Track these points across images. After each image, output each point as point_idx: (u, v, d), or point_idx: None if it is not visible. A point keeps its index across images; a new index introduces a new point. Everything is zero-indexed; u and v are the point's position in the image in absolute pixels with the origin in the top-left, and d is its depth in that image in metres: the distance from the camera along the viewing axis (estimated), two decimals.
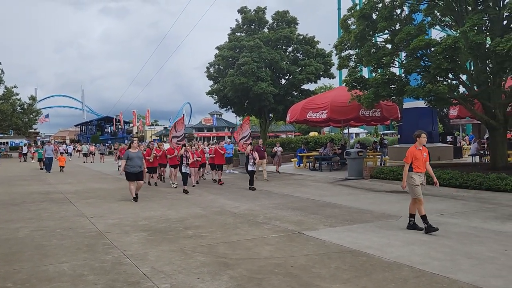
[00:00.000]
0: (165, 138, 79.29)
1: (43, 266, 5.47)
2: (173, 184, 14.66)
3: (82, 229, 7.76)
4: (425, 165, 7.44)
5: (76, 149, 48.46)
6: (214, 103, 33.09)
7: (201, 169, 17.05)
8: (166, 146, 19.10)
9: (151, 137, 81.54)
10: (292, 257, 5.68)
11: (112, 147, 38.00)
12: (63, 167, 23.70)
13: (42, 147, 27.22)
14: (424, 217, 7.04)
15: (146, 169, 13.51)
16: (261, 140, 19.23)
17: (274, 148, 21.34)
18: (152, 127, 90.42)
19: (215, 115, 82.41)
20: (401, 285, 4.56)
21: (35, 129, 63.43)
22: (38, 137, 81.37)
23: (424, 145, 7.59)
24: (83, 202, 11.26)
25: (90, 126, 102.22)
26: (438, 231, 6.84)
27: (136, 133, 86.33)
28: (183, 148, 13.59)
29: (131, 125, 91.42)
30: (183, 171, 13.11)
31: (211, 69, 32.70)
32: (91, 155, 34.89)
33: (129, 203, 11.04)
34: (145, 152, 14.89)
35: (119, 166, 20.26)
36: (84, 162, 33.06)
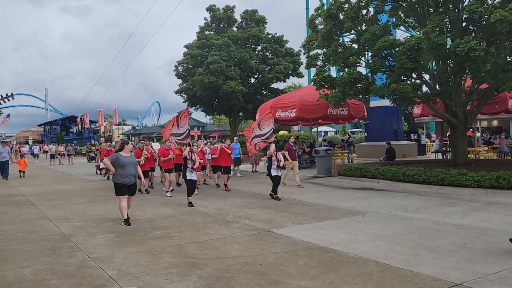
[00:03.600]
0: (133, 138, 77.88)
1: (1, 272, 5.26)
2: (167, 192, 12.28)
3: (45, 232, 7.51)
4: None
5: (43, 149, 44.28)
6: (183, 102, 32.81)
7: (202, 172, 14.34)
8: (156, 146, 17.82)
9: (118, 136, 79.82)
10: (261, 256, 5.71)
11: (87, 148, 33.89)
12: (24, 171, 19.84)
13: None
14: None
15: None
16: (292, 137, 15.34)
17: None
18: (119, 126, 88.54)
19: None
20: (366, 279, 4.67)
21: None
22: None
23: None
24: (47, 204, 10.89)
25: (54, 126, 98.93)
26: (402, 226, 7.05)
27: (103, 132, 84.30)
28: (187, 148, 10.65)
29: (97, 124, 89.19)
30: (188, 177, 10.24)
31: (179, 68, 32.38)
32: (60, 156, 31.62)
33: (95, 204, 10.77)
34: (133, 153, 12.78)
35: (102, 168, 18.72)
36: (53, 164, 30.12)
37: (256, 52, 31.46)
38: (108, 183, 16.35)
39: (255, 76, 31.65)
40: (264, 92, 31.47)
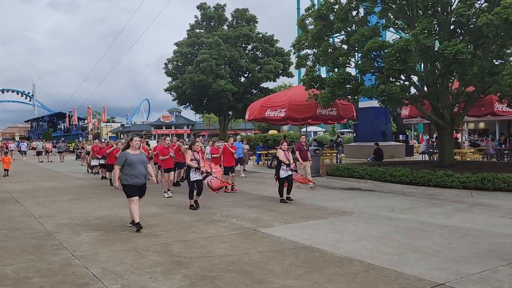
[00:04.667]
0: (122, 135, 77.26)
1: None
2: (166, 193, 11.57)
3: (29, 230, 7.41)
4: None
5: (31, 146, 43.05)
6: (173, 100, 32.73)
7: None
8: (152, 143, 17.60)
9: (107, 134, 79.18)
10: (246, 255, 5.70)
11: (74, 145, 32.51)
12: (8, 170, 18.81)
13: None
14: None
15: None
16: (304, 136, 14.66)
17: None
18: (108, 124, 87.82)
19: (174, 112, 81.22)
20: (351, 279, 4.69)
21: None
22: None
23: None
24: (32, 202, 10.75)
25: (41, 122, 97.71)
26: (388, 226, 7.10)
27: (91, 129, 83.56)
28: (192, 145, 9.71)
29: (85, 121, 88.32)
30: (192, 179, 9.35)
31: (169, 66, 32.24)
32: (47, 153, 31.21)
33: (81, 202, 10.66)
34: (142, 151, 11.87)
35: (94, 166, 18.23)
36: (41, 161, 29.51)
37: (247, 51, 31.47)
38: (95, 181, 16.21)
39: (245, 75, 31.66)
40: (254, 91, 31.49)
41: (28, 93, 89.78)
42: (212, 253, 5.83)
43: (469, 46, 12.22)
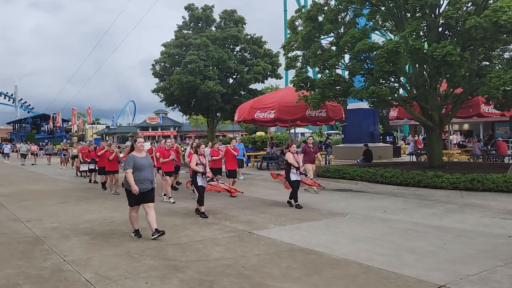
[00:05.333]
0: (107, 137, 76.31)
1: None
2: (165, 197, 10.94)
3: (16, 234, 7.20)
4: None
5: (16, 148, 41.05)
6: (160, 101, 32.45)
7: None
8: (147, 145, 17.00)
9: (92, 136, 78.15)
10: (243, 258, 5.62)
11: (58, 146, 29.79)
12: None
13: None
14: None
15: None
16: (311, 137, 14.10)
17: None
18: (93, 125, 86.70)
19: (160, 114, 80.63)
20: (351, 281, 4.65)
21: None
22: None
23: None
24: (17, 205, 10.48)
25: (24, 124, 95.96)
26: (382, 227, 7.09)
27: (76, 131, 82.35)
28: (198, 147, 9.02)
29: (69, 123, 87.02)
30: (199, 184, 8.79)
31: (157, 67, 31.97)
32: (32, 156, 30.10)
33: (68, 205, 10.43)
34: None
35: (83, 171, 17.20)
36: (22, 164, 28.21)
37: (235, 53, 31.39)
38: (82, 184, 15.92)
39: (234, 77, 31.58)
40: (243, 93, 31.41)
41: (12, 94, 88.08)
42: (207, 256, 5.73)
43: (456, 48, 12.36)
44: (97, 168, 14.59)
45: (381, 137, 26.51)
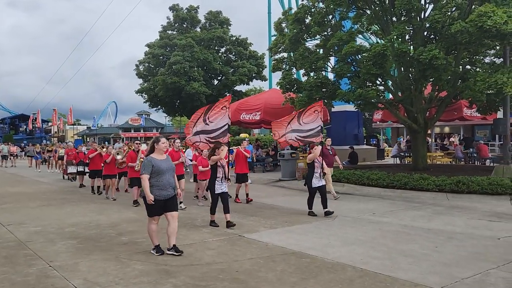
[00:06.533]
0: (88, 138, 75.03)
1: None
2: (181, 203, 9.65)
3: None
4: None
5: None
6: (144, 102, 32.05)
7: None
8: (144, 147, 16.29)
9: (72, 137, 76.69)
10: (236, 262, 5.52)
11: (41, 148, 26.83)
12: None
13: None
14: None
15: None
16: (330, 139, 12.73)
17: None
18: (74, 126, 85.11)
19: (143, 115, 79.75)
20: (348, 285, 4.60)
21: None
22: None
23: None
24: None
25: (2, 125, 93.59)
26: (373, 230, 7.08)
27: (56, 132, 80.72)
28: (216, 149, 7.92)
29: (49, 124, 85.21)
30: (217, 191, 7.82)
31: (140, 67, 31.57)
32: (12, 157, 28.79)
33: (52, 208, 10.13)
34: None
35: (70, 174, 16.01)
36: (4, 166, 27.19)
37: (220, 54, 31.25)
38: (65, 186, 15.53)
39: (219, 78, 31.43)
40: (228, 94, 31.28)
41: None
42: (199, 260, 5.61)
43: (441, 52, 12.53)
44: (87, 171, 13.69)
45: (365, 139, 26.71)
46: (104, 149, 12.57)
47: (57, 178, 18.31)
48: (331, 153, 11.85)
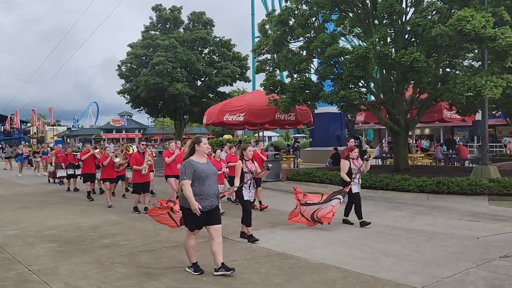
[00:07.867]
0: (68, 139, 73.74)
1: None
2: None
3: None
4: None
5: None
6: (126, 103, 31.62)
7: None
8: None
9: (52, 138, 75.25)
10: None
11: (23, 148, 24.55)
12: None
13: None
14: None
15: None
16: (352, 140, 11.55)
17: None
18: (53, 127, 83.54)
19: (125, 116, 78.82)
20: (331, 286, 4.62)
21: None
22: None
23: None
24: None
25: None
26: (356, 231, 7.14)
27: (35, 133, 79.08)
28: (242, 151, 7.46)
29: (28, 124, 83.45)
30: (245, 197, 7.12)
31: (123, 67, 31.16)
32: None
33: (30, 210, 9.91)
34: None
35: (60, 177, 15.29)
36: None
37: (203, 55, 31.08)
38: (43, 188, 15.22)
39: (202, 79, 31.25)
40: (211, 96, 31.17)
41: None
42: (182, 263, 5.55)
43: (422, 55, 12.74)
44: (79, 174, 13.05)
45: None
46: (97, 150, 12.25)
47: (38, 181, 17.83)
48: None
